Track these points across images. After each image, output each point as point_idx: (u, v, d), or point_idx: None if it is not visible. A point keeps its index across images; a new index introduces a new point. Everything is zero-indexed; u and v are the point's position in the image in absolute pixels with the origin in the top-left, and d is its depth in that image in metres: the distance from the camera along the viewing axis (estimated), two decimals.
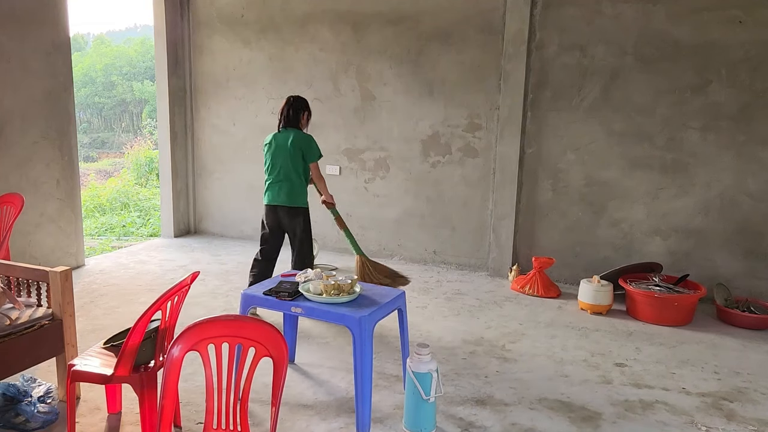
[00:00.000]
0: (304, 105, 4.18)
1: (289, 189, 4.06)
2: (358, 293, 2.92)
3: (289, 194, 4.06)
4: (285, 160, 4.05)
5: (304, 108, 4.16)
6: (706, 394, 3.23)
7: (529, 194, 5.32)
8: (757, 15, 4.39)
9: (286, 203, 4.08)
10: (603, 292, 4.44)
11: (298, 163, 4.06)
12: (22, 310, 2.75)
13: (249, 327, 1.97)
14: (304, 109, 4.17)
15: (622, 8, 4.76)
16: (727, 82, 4.55)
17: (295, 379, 3.28)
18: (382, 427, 2.81)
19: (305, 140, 4.06)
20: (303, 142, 4.05)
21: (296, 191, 4.08)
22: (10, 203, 4.24)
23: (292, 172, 4.05)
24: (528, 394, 3.17)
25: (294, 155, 4.04)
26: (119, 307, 4.38)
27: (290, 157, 4.03)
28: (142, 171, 12.38)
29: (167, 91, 6.36)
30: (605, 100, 4.93)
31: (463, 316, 4.39)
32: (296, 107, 4.12)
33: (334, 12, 5.78)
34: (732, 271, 4.73)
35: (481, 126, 5.37)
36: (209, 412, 1.99)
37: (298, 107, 4.13)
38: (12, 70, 4.62)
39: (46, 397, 2.74)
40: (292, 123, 4.11)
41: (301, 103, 4.16)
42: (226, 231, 6.73)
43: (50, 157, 5.00)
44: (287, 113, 4.11)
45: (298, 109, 4.13)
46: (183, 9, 6.39)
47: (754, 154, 4.56)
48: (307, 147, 4.05)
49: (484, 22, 5.22)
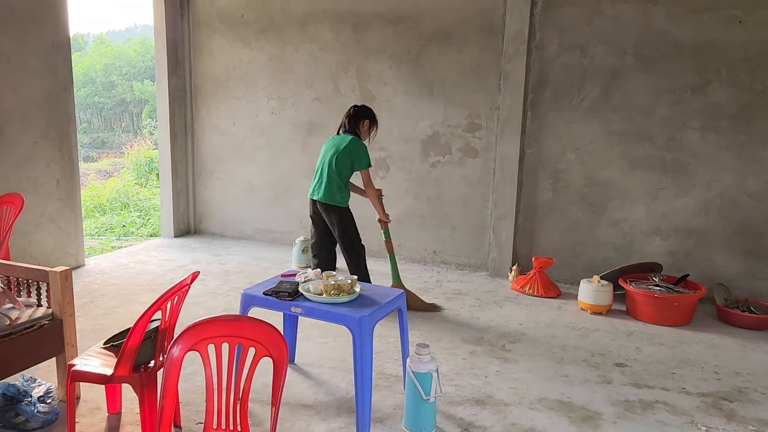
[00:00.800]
0: (366, 114, 4.37)
1: (326, 187, 4.28)
2: (358, 293, 2.92)
3: (325, 191, 4.28)
4: (330, 161, 4.26)
5: (364, 117, 4.35)
6: (706, 394, 3.23)
7: (529, 194, 5.32)
8: (757, 15, 4.39)
9: (321, 199, 4.31)
10: (603, 292, 4.44)
11: (343, 166, 4.24)
12: (22, 310, 2.75)
13: (249, 327, 1.97)
14: (365, 118, 4.35)
15: (622, 8, 4.76)
16: (727, 82, 4.55)
17: (295, 379, 3.28)
18: (382, 427, 2.81)
19: (356, 147, 4.24)
20: (353, 148, 4.24)
21: (332, 190, 4.26)
22: (10, 203, 4.24)
23: (334, 173, 4.24)
24: (528, 394, 3.17)
25: (340, 159, 4.23)
26: (119, 307, 4.38)
27: (335, 159, 4.24)
28: (142, 171, 12.38)
29: (167, 91, 6.36)
30: (605, 100, 4.93)
31: (462, 316, 4.39)
32: (356, 115, 4.35)
33: (334, 12, 5.78)
34: (732, 271, 4.73)
35: (481, 126, 5.37)
36: (209, 412, 1.99)
37: (358, 116, 4.34)
38: (12, 70, 4.62)
39: (46, 397, 2.74)
40: (350, 129, 4.32)
41: (364, 112, 4.37)
42: (226, 231, 6.73)
43: (50, 157, 5.00)
44: (346, 120, 4.36)
45: (359, 117, 4.34)
46: (183, 9, 6.39)
47: (754, 154, 4.56)
48: (356, 154, 4.24)
49: (484, 22, 5.22)
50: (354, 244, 4.38)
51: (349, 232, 4.35)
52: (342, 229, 4.32)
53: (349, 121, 4.34)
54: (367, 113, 4.37)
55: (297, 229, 6.32)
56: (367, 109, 4.39)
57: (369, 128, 4.38)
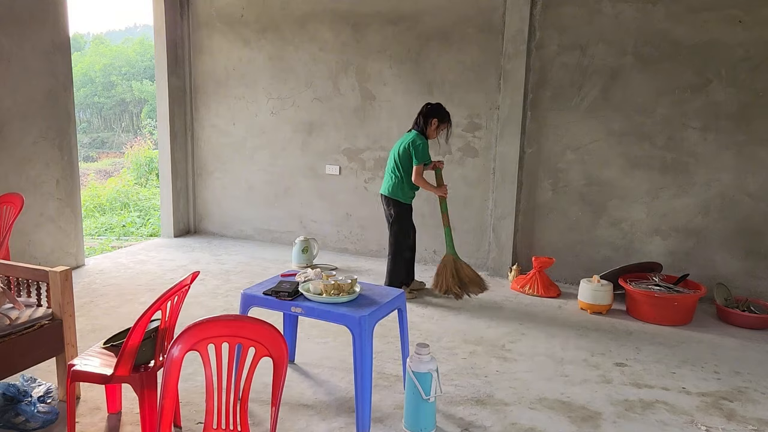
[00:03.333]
0: (435, 113, 4.42)
1: (388, 181, 4.53)
2: (358, 293, 2.92)
3: (387, 185, 4.53)
4: (394, 157, 4.48)
5: (433, 116, 4.42)
6: (706, 394, 3.23)
7: (529, 194, 5.32)
8: (757, 15, 4.39)
9: (384, 192, 4.57)
10: (603, 292, 4.44)
11: (404, 161, 4.41)
12: (22, 310, 2.75)
13: (249, 327, 1.97)
14: (434, 116, 4.42)
15: (622, 8, 4.76)
16: (727, 82, 4.55)
17: (295, 379, 3.28)
18: (382, 427, 2.81)
19: (415, 143, 4.36)
20: (413, 143, 4.36)
21: (394, 184, 4.48)
22: (10, 203, 4.23)
23: (395, 168, 4.47)
24: (528, 394, 3.17)
25: (401, 155, 4.42)
26: (119, 307, 4.38)
27: (398, 155, 4.44)
28: (142, 171, 12.37)
29: (167, 91, 6.35)
30: (605, 100, 4.93)
31: (463, 316, 4.39)
32: (426, 113, 4.43)
33: (334, 12, 5.78)
34: (732, 270, 4.73)
35: (481, 126, 5.37)
36: (209, 412, 1.99)
37: (428, 113, 4.42)
38: (12, 70, 4.62)
39: (46, 397, 2.74)
40: (419, 127, 4.44)
41: (434, 111, 4.43)
42: (225, 231, 6.73)
43: (50, 157, 5.00)
44: (417, 117, 4.49)
45: (428, 115, 4.42)
46: (183, 8, 6.39)
47: (754, 154, 4.56)
48: (414, 149, 4.36)
49: (484, 21, 5.22)
50: (399, 241, 4.54)
51: (398, 229, 4.54)
52: (398, 222, 4.52)
53: (418, 119, 4.44)
54: (435, 112, 4.42)
55: (297, 229, 6.32)
56: (437, 108, 4.44)
57: (438, 127, 4.44)
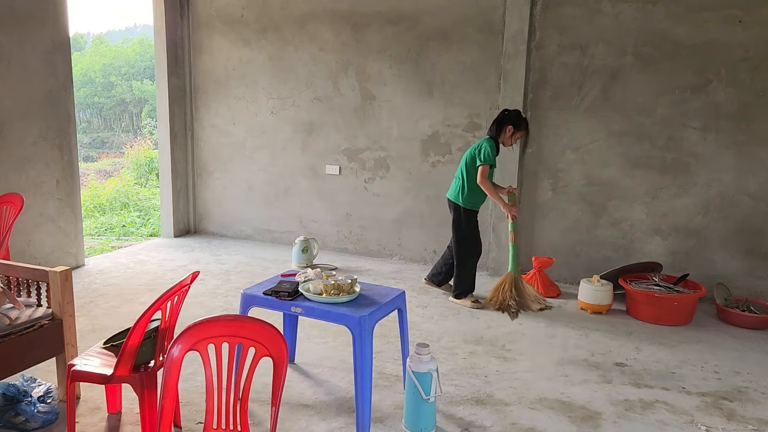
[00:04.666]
0: (510, 120, 4.40)
1: (455, 185, 4.55)
2: (358, 293, 2.92)
3: (453, 189, 4.56)
4: (463, 162, 4.49)
5: (508, 122, 4.40)
6: (706, 394, 3.23)
7: (529, 194, 5.32)
8: (757, 15, 4.39)
9: (449, 196, 4.60)
10: (603, 292, 4.44)
11: (470, 165, 4.42)
12: (22, 310, 2.74)
13: (249, 327, 1.97)
14: (509, 123, 4.39)
15: (622, 8, 4.76)
16: (727, 82, 4.55)
17: (295, 379, 3.28)
18: (382, 427, 2.81)
19: (482, 145, 4.37)
20: (480, 146, 4.38)
21: (459, 188, 4.49)
22: (10, 203, 4.23)
23: (463, 172, 4.47)
24: (528, 394, 3.17)
25: (469, 158, 4.44)
26: (119, 307, 4.38)
27: (466, 160, 4.46)
28: (142, 171, 12.38)
29: (167, 91, 6.35)
30: (605, 100, 4.93)
31: (463, 316, 4.39)
32: (501, 120, 4.42)
33: (334, 12, 5.78)
34: (732, 270, 4.73)
35: (481, 126, 5.37)
36: (209, 412, 1.99)
37: (503, 120, 4.42)
38: (12, 70, 4.62)
39: (46, 397, 2.74)
40: (492, 132, 4.44)
41: (509, 118, 4.41)
42: (225, 231, 6.73)
43: (50, 157, 5.00)
44: (492, 123, 4.48)
45: (503, 122, 4.41)
46: (183, 9, 6.39)
47: (754, 154, 4.56)
48: (478, 151, 4.38)
49: (483, 21, 5.22)
50: (463, 247, 4.53)
51: (461, 233, 4.51)
52: (459, 228, 4.52)
53: (493, 125, 4.44)
54: (511, 119, 4.39)
55: (297, 229, 6.32)
56: (513, 115, 4.42)
57: (513, 134, 4.41)
